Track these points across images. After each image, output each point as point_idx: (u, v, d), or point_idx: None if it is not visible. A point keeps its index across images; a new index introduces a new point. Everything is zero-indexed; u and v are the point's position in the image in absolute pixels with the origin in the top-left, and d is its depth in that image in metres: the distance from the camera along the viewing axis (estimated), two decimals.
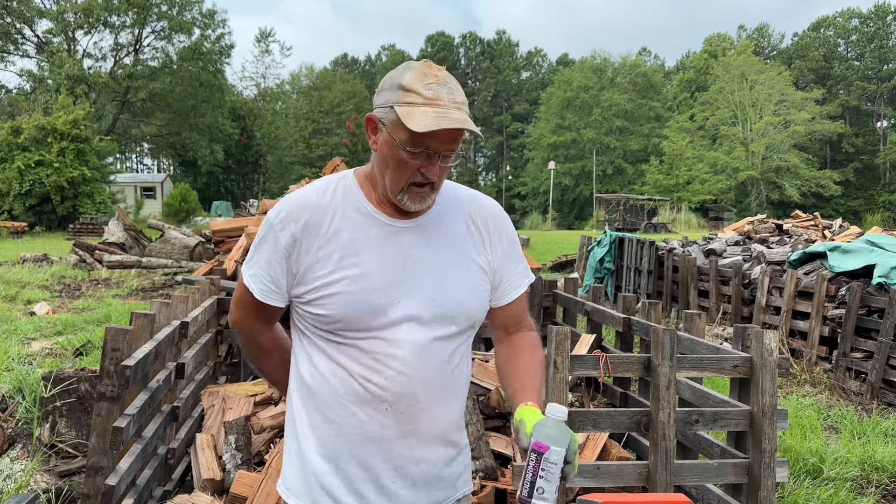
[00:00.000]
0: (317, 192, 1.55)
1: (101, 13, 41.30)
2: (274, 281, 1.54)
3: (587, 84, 63.06)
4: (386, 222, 1.52)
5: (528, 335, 1.71)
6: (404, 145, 1.42)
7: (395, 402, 1.50)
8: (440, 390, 1.55)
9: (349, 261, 1.48)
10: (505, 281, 1.66)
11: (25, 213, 29.54)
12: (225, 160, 52.35)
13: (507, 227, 1.69)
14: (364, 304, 1.47)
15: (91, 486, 2.71)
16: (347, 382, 1.50)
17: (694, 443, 3.46)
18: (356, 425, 1.51)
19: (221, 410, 4.03)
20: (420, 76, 1.42)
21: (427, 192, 1.49)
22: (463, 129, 1.42)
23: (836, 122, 56.32)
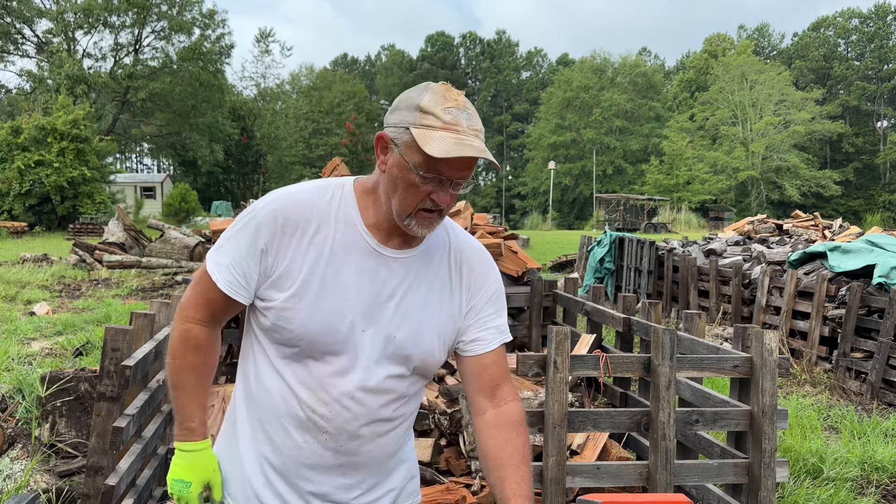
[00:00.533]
0: (313, 192, 1.47)
1: (101, 13, 41.32)
2: (245, 275, 1.44)
3: (587, 84, 63.09)
4: (373, 247, 1.45)
5: (511, 412, 1.57)
6: (418, 169, 1.35)
7: (335, 435, 1.46)
8: (383, 428, 1.51)
9: (326, 277, 1.42)
10: (477, 333, 1.56)
11: (25, 213, 29.55)
12: (225, 160, 52.37)
13: (492, 277, 1.60)
14: (327, 325, 1.41)
15: (91, 486, 2.71)
16: (291, 405, 1.46)
17: (694, 443, 3.46)
18: (293, 448, 1.48)
19: (221, 410, 4.02)
20: (440, 99, 1.36)
21: (435, 217, 1.42)
22: (477, 157, 1.37)
23: (836, 122, 56.34)
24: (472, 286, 1.55)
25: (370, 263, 1.45)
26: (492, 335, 1.56)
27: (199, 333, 1.51)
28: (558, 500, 2.98)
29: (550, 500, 2.98)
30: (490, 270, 1.59)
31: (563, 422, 3.00)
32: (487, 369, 1.56)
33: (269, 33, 62.89)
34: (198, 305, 1.50)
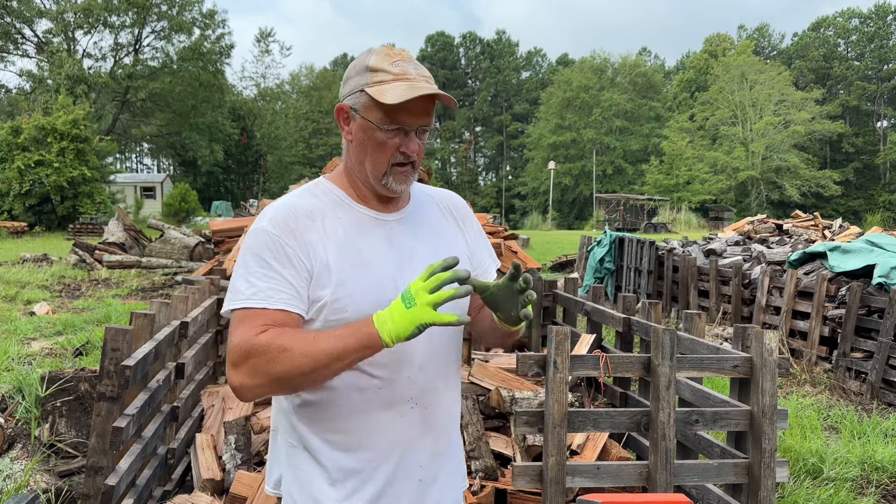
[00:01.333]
0: (299, 196, 1.51)
1: (101, 13, 41.33)
2: (294, 288, 1.40)
3: (587, 84, 63.11)
4: (373, 216, 1.51)
5: None
6: (381, 124, 1.43)
7: (419, 399, 1.50)
8: (450, 379, 1.59)
9: (354, 257, 1.45)
10: (480, 267, 1.68)
11: (25, 213, 29.54)
12: (225, 160, 52.39)
13: (473, 216, 1.73)
14: (377, 296, 1.42)
15: (91, 486, 2.71)
16: (366, 389, 1.46)
17: (694, 443, 3.46)
18: (384, 429, 1.48)
19: (221, 410, 4.03)
20: (385, 56, 1.45)
21: (409, 171, 1.49)
22: (433, 103, 1.45)
23: (836, 122, 56.36)
24: (464, 224, 1.67)
25: (379, 232, 1.51)
26: (489, 268, 1.69)
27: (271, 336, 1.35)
28: (558, 500, 2.98)
29: (550, 500, 2.98)
30: (469, 210, 1.73)
31: (563, 422, 3.00)
32: None
33: (269, 33, 62.89)
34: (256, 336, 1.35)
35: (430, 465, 1.55)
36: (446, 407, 1.58)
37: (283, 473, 1.55)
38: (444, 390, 1.56)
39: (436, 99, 1.45)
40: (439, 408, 1.55)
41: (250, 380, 1.34)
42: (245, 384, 1.35)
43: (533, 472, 3.05)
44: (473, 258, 1.66)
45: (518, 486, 3.09)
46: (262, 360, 1.32)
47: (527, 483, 3.05)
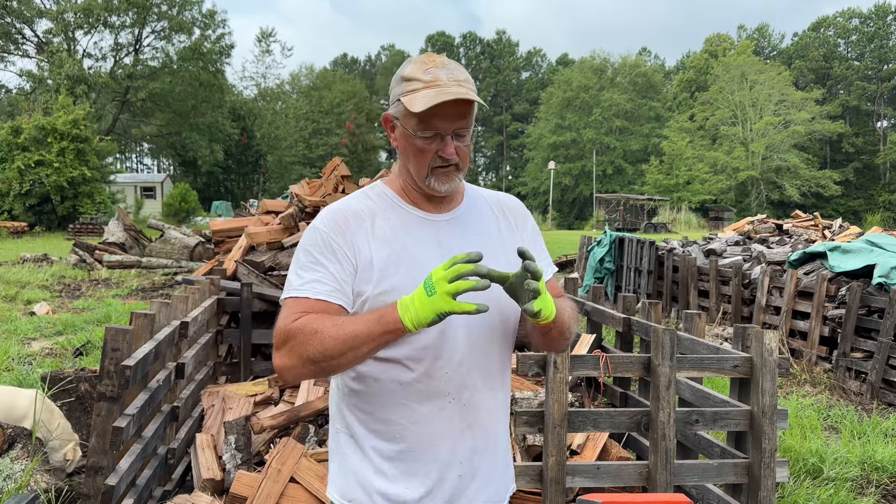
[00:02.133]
0: (354, 199, 1.61)
1: (101, 13, 41.33)
2: (340, 281, 1.49)
3: (587, 84, 63.09)
4: (422, 216, 1.58)
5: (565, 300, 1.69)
6: (416, 132, 1.49)
7: (457, 395, 1.54)
8: (493, 379, 1.61)
9: (399, 255, 1.52)
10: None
11: (25, 213, 29.55)
12: (225, 160, 52.38)
13: (530, 218, 1.75)
14: None
15: (91, 486, 2.71)
16: (406, 382, 1.51)
17: (694, 443, 3.46)
18: (423, 423, 1.52)
19: (221, 410, 4.03)
20: (419, 65, 1.51)
21: (452, 171, 1.54)
22: (470, 107, 1.49)
23: (836, 122, 56.33)
24: (517, 226, 1.69)
25: (428, 232, 1.57)
26: (544, 266, 1.65)
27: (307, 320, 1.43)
28: (558, 500, 2.98)
29: (550, 500, 2.98)
30: (526, 212, 1.75)
31: (563, 422, 3.00)
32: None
33: (269, 33, 62.92)
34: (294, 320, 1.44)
35: (470, 462, 1.57)
36: (487, 405, 1.59)
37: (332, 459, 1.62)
38: (484, 388, 1.58)
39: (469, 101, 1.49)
40: (479, 405, 1.57)
41: (289, 360, 1.44)
42: (285, 365, 1.45)
43: (533, 472, 3.05)
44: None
45: (518, 486, 3.08)
46: (297, 343, 1.42)
47: (527, 483, 3.05)
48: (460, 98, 1.45)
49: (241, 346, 5.12)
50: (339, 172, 6.97)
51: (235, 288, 5.23)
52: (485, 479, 1.61)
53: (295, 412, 3.74)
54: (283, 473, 3.08)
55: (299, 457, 3.14)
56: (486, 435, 1.60)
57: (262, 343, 5.28)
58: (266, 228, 6.29)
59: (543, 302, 1.40)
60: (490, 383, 1.60)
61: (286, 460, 3.12)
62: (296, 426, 3.71)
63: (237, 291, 5.18)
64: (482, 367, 1.57)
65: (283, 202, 7.49)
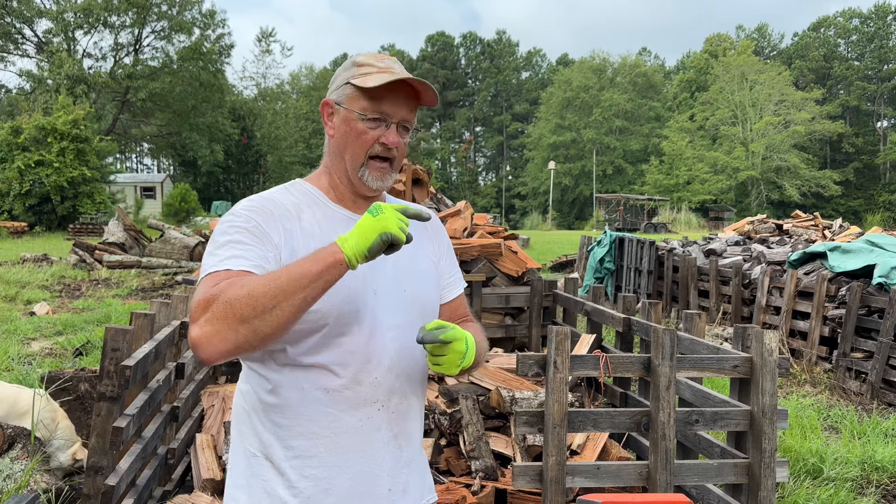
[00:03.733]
0: (275, 192, 1.52)
1: (101, 13, 41.33)
2: (260, 258, 1.35)
3: (587, 84, 63.08)
4: (347, 215, 1.52)
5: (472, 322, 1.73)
6: (363, 114, 1.46)
7: (386, 402, 1.47)
8: (417, 383, 1.56)
9: None
10: (447, 278, 1.70)
11: (25, 213, 29.55)
12: (225, 160, 52.36)
13: (445, 232, 1.76)
14: (346, 295, 1.40)
15: (91, 486, 2.71)
16: (332, 390, 1.42)
17: (694, 443, 3.46)
18: (350, 434, 1.44)
19: (221, 410, 4.03)
20: (373, 56, 1.51)
21: (387, 168, 1.50)
22: (416, 101, 1.49)
23: (836, 122, 56.33)
24: (435, 237, 1.69)
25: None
26: (456, 281, 1.72)
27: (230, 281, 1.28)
28: (558, 500, 2.98)
29: (550, 500, 2.98)
30: (441, 225, 1.75)
31: (563, 422, 3.00)
32: (456, 310, 1.72)
33: (269, 33, 62.90)
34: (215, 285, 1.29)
35: (399, 474, 1.51)
36: (413, 412, 1.55)
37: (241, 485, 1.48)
38: (411, 394, 1.53)
39: (418, 99, 1.49)
40: (406, 412, 1.52)
41: (210, 327, 1.22)
42: (203, 334, 1.23)
43: (533, 472, 3.05)
44: (439, 267, 1.67)
45: (518, 486, 3.09)
46: (220, 305, 1.23)
47: (527, 483, 3.05)
48: (416, 82, 1.44)
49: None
50: None
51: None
52: (416, 492, 1.56)
53: None
54: None
55: None
56: (413, 445, 1.55)
57: None
58: None
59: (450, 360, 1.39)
60: (415, 389, 1.55)
61: None
62: None
63: None
64: (409, 372, 1.52)
65: None
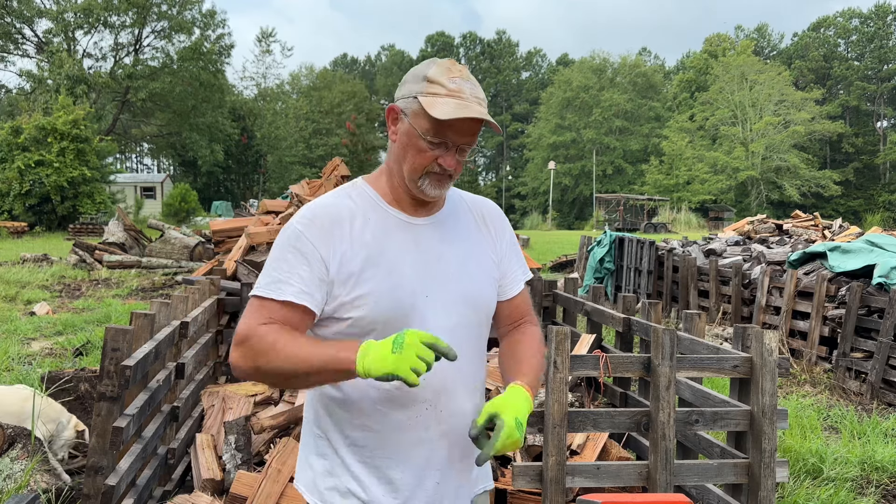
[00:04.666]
0: (334, 196, 1.58)
1: (101, 13, 41.32)
2: (309, 283, 1.46)
3: (587, 84, 63.07)
4: (403, 219, 1.55)
5: (531, 328, 1.73)
6: (425, 135, 1.46)
7: (434, 401, 1.53)
8: (469, 382, 1.60)
9: (376, 259, 1.49)
10: (508, 275, 1.69)
11: (25, 213, 29.54)
12: (225, 160, 52.35)
13: (508, 226, 1.75)
14: (396, 300, 1.48)
15: (91, 486, 2.70)
16: (383, 389, 1.49)
17: (694, 443, 3.46)
18: (400, 430, 1.52)
19: (221, 410, 4.03)
20: (444, 70, 1.49)
21: (445, 178, 1.52)
22: (480, 125, 1.49)
23: (836, 122, 56.32)
24: (496, 233, 1.69)
25: (408, 236, 1.55)
26: (519, 277, 1.71)
27: (272, 327, 1.43)
28: (558, 500, 2.98)
29: (550, 500, 2.98)
30: (504, 219, 1.75)
31: (563, 422, 3.00)
32: (518, 308, 1.72)
33: (270, 33, 62.86)
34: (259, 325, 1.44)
35: (447, 470, 1.57)
36: (464, 410, 1.58)
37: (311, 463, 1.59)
38: (462, 394, 1.57)
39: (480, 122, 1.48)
40: (456, 411, 1.56)
41: (242, 362, 1.43)
42: (238, 365, 1.44)
43: (533, 472, 3.05)
44: (501, 265, 1.68)
45: (518, 486, 3.09)
46: (253, 350, 1.41)
47: (527, 483, 3.05)
48: (467, 122, 1.45)
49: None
50: (339, 172, 6.97)
51: (235, 288, 5.23)
52: (463, 486, 1.60)
53: (295, 412, 3.74)
54: (283, 473, 3.08)
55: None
56: (464, 441, 1.58)
57: None
58: (266, 228, 6.29)
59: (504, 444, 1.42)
60: (467, 388, 1.59)
61: (286, 460, 3.12)
62: (296, 426, 3.71)
63: (237, 291, 5.18)
64: (460, 372, 1.55)
65: (283, 202, 7.49)
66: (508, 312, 1.71)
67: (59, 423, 3.78)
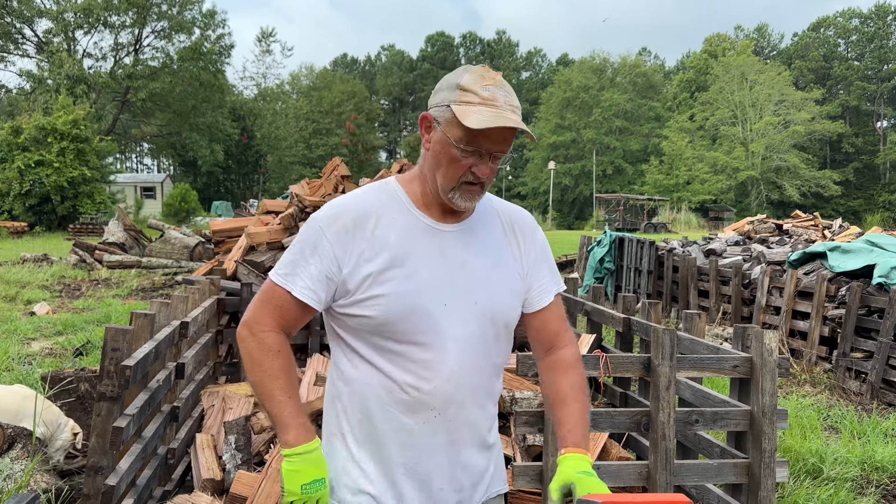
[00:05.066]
0: (362, 193, 1.58)
1: (101, 13, 41.32)
2: (316, 280, 1.51)
3: (587, 84, 63.05)
4: (431, 225, 1.55)
5: (566, 359, 1.67)
6: (459, 143, 1.45)
7: (443, 410, 1.53)
8: (481, 393, 1.59)
9: (397, 262, 1.50)
10: (535, 287, 1.66)
11: (25, 213, 29.54)
12: (225, 160, 52.37)
13: (540, 237, 1.71)
14: (411, 306, 1.48)
15: (91, 486, 2.70)
16: (394, 392, 1.52)
17: (694, 443, 3.46)
18: (407, 434, 1.53)
19: (221, 410, 4.03)
20: (478, 78, 1.47)
21: (477, 190, 1.52)
22: (514, 133, 1.48)
23: (836, 122, 56.30)
24: (524, 244, 1.66)
25: (433, 241, 1.54)
26: (548, 289, 1.67)
27: (276, 339, 1.53)
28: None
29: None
30: (536, 229, 1.70)
31: None
32: (547, 322, 1.67)
33: (270, 33, 62.87)
34: (267, 317, 1.53)
35: (454, 476, 1.58)
36: (474, 419, 1.58)
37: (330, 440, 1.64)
38: (472, 404, 1.57)
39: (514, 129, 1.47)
40: (465, 421, 1.56)
41: (240, 346, 1.56)
42: (240, 339, 1.56)
43: (533, 472, 3.05)
44: (528, 277, 1.65)
45: (518, 486, 3.09)
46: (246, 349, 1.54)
47: (527, 483, 3.05)
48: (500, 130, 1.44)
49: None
50: (339, 172, 6.97)
51: (235, 288, 5.23)
52: (468, 492, 1.61)
53: None
54: None
55: None
56: (471, 450, 1.59)
57: None
58: (266, 228, 6.29)
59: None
60: (479, 399, 1.59)
61: None
62: None
63: (237, 291, 5.18)
64: (472, 384, 1.56)
65: (283, 202, 7.49)
66: (537, 326, 1.68)
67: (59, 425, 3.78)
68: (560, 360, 1.66)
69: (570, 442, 1.54)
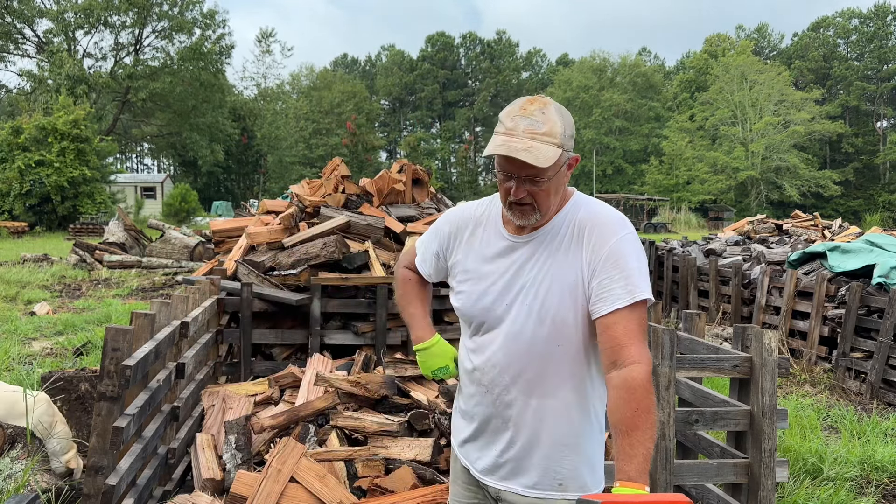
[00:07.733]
0: (474, 205, 1.94)
1: (102, 13, 41.35)
2: (430, 255, 1.98)
3: (587, 84, 63.07)
4: (506, 237, 1.80)
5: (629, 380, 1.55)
6: (496, 169, 1.71)
7: (490, 388, 1.81)
8: (523, 383, 1.76)
9: (476, 265, 1.83)
10: (597, 292, 1.64)
11: (26, 213, 29.54)
12: (225, 160, 52.36)
13: (612, 241, 1.66)
14: (479, 304, 1.80)
15: (91, 485, 2.71)
16: (465, 363, 1.89)
17: (694, 442, 3.46)
18: (472, 397, 1.87)
19: (221, 410, 4.03)
20: (514, 108, 1.67)
21: (528, 210, 1.71)
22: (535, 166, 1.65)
23: (835, 122, 56.30)
24: (591, 249, 1.69)
25: (506, 251, 1.80)
26: (610, 297, 1.62)
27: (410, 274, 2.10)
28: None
29: None
30: (609, 236, 1.68)
31: None
32: (609, 329, 1.61)
33: (270, 33, 62.84)
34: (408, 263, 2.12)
35: (508, 449, 1.79)
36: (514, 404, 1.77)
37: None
38: (516, 391, 1.76)
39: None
40: (510, 404, 1.78)
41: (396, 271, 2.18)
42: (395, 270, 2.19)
43: None
44: (592, 281, 1.65)
45: None
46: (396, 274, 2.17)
47: None
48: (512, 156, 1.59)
49: (241, 346, 5.12)
50: (339, 172, 6.97)
51: (235, 288, 5.23)
52: (522, 468, 1.78)
53: (295, 412, 3.74)
54: (284, 473, 3.08)
55: (299, 457, 3.15)
56: (526, 433, 1.76)
57: (261, 343, 5.27)
58: (266, 228, 6.28)
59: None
60: (521, 387, 1.76)
61: (286, 460, 3.12)
62: (296, 426, 3.71)
63: (237, 291, 5.18)
64: (517, 372, 1.75)
65: (283, 202, 7.48)
66: (600, 333, 1.62)
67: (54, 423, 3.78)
68: (619, 381, 1.56)
69: (625, 475, 1.49)
